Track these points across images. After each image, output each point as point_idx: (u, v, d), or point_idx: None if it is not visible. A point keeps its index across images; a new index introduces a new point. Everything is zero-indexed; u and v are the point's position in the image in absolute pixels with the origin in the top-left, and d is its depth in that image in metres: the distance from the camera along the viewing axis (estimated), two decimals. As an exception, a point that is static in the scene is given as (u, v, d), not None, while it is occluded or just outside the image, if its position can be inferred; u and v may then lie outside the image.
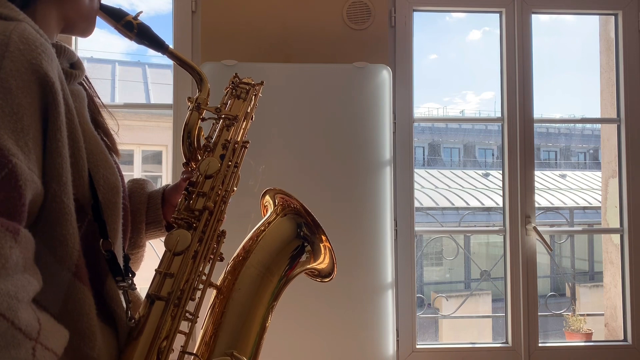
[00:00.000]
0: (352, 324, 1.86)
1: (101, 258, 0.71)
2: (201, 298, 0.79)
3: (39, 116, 0.62)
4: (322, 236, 0.93)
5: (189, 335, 0.77)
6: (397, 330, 2.05)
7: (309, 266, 0.95)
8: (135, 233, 0.93)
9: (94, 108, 0.83)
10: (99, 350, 0.66)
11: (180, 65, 0.92)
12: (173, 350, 0.74)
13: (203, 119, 0.91)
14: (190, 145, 0.89)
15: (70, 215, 0.64)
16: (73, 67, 0.80)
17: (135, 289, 0.80)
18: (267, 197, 0.97)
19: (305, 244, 0.93)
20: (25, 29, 0.63)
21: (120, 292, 0.73)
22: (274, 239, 0.92)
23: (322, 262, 0.95)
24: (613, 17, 2.34)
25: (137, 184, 0.98)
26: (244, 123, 0.93)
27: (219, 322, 0.83)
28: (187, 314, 0.76)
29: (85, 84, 0.84)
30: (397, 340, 2.08)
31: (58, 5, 0.76)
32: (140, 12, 0.86)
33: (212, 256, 0.82)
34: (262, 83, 1.00)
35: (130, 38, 0.85)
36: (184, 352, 0.75)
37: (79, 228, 0.67)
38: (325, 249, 0.94)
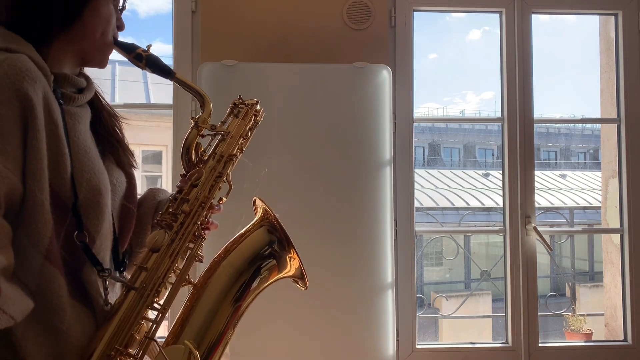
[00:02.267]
0: (352, 324, 1.86)
1: (80, 248, 0.82)
2: (173, 292, 0.88)
3: (19, 126, 0.75)
4: (292, 249, 1.01)
5: (156, 323, 0.85)
6: (397, 330, 2.05)
7: (279, 275, 1.03)
8: (141, 233, 1.04)
9: (108, 126, 0.96)
10: (68, 324, 0.78)
11: (186, 89, 1.01)
12: (137, 338, 0.82)
13: (202, 136, 1.00)
14: (189, 160, 0.99)
15: (42, 207, 0.76)
16: (80, 92, 0.92)
17: (124, 280, 0.89)
18: (259, 202, 1.07)
19: (271, 259, 1.01)
20: (19, 58, 0.77)
21: (100, 279, 0.85)
22: (248, 245, 1.01)
23: (289, 271, 1.04)
24: (613, 17, 2.35)
25: (151, 192, 1.10)
26: (238, 138, 1.02)
27: (188, 315, 0.94)
28: (157, 305, 0.85)
29: (101, 103, 0.97)
30: (397, 340, 2.08)
31: (73, 41, 0.89)
32: (150, 45, 0.97)
33: (184, 255, 0.90)
34: (257, 102, 1.08)
35: (141, 67, 0.96)
36: (147, 337, 0.84)
37: (62, 221, 0.80)
38: (290, 260, 1.02)
